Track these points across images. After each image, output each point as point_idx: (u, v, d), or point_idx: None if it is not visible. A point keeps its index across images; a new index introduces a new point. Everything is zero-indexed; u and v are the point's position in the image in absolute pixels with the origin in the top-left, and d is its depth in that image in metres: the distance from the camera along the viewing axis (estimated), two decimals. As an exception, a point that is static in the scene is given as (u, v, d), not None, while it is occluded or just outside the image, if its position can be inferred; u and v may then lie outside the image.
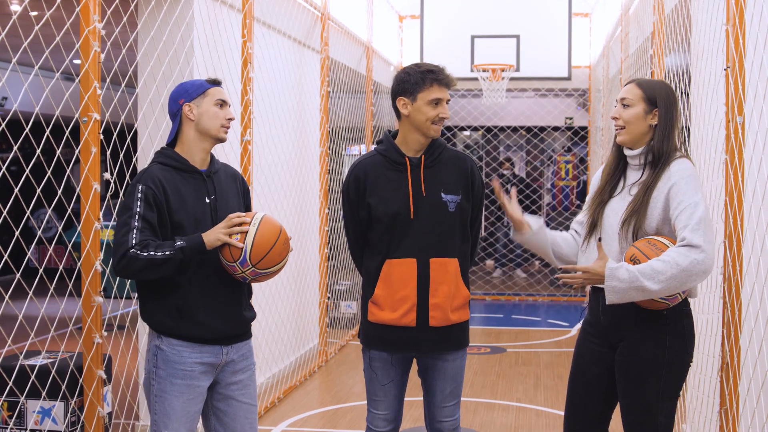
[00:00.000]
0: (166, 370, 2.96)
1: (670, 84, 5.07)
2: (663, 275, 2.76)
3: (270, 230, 2.93)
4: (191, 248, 2.85)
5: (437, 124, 3.22)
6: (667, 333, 2.95)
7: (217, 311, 2.99)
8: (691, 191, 2.86)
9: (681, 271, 2.75)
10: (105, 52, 3.50)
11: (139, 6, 4.69)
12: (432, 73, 3.20)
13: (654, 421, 2.98)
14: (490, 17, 9.75)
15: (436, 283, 3.20)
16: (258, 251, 2.89)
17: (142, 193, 2.88)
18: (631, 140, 3.03)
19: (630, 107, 3.02)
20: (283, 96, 6.36)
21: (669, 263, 2.76)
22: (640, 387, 2.97)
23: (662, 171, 2.95)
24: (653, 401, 2.96)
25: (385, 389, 3.33)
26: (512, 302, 10.86)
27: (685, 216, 2.82)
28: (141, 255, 2.81)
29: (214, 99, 3.03)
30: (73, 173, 3.30)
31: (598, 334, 3.11)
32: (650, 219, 2.93)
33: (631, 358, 2.99)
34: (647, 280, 2.77)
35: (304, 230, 6.93)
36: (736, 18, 3.21)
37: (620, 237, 2.99)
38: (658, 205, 2.92)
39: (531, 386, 6.37)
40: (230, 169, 3.22)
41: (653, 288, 2.77)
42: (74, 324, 3.99)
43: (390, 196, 3.23)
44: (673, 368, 2.97)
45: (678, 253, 2.78)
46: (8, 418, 4.20)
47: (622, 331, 3.01)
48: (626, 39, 6.97)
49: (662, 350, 2.95)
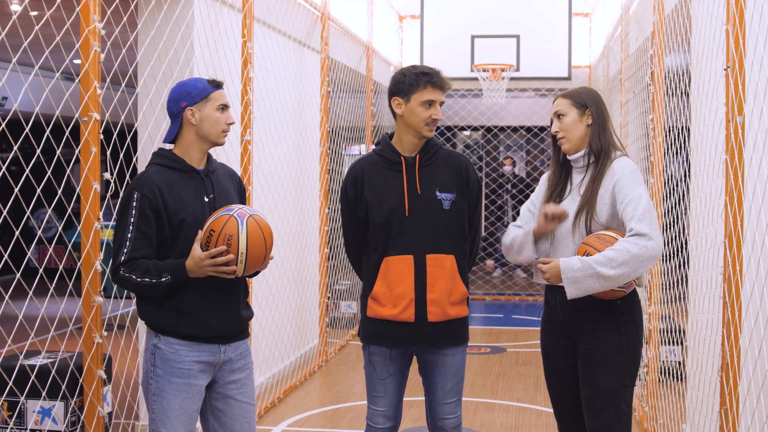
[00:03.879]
0: (164, 369, 2.96)
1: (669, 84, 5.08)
2: (616, 261, 2.94)
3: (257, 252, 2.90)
4: (178, 281, 2.90)
5: (430, 125, 3.29)
6: (622, 321, 3.13)
7: (214, 309, 2.99)
8: (634, 185, 3.07)
9: (632, 257, 2.94)
10: (105, 52, 3.50)
11: (139, 6, 4.69)
12: (426, 75, 3.27)
13: (618, 408, 3.10)
14: (490, 17, 9.75)
15: (433, 278, 3.26)
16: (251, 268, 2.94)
17: (137, 202, 2.90)
18: (574, 146, 3.23)
19: (565, 116, 3.24)
20: (283, 96, 6.36)
21: (620, 251, 2.95)
22: (603, 374, 3.10)
23: (605, 169, 3.16)
24: (615, 387, 3.11)
25: (384, 384, 3.36)
26: (512, 302, 10.86)
27: (631, 209, 3.02)
28: (130, 279, 2.88)
29: (216, 104, 3.03)
30: (73, 173, 3.30)
31: (559, 329, 3.25)
32: (600, 212, 3.12)
33: (591, 346, 3.14)
34: (601, 266, 2.95)
35: (304, 230, 6.93)
36: (736, 18, 3.21)
37: (573, 232, 3.16)
38: (605, 201, 3.12)
39: (531, 386, 6.37)
40: (227, 168, 3.23)
41: (608, 273, 2.94)
42: (74, 324, 4.00)
43: (386, 194, 3.31)
44: (631, 354, 3.13)
45: (628, 241, 2.97)
46: (8, 418, 4.20)
47: (580, 323, 3.17)
48: (626, 39, 6.96)
49: (619, 336, 3.12)
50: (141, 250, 2.88)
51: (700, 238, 4.12)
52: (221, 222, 2.86)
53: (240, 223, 2.86)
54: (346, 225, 3.45)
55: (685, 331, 4.91)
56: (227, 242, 2.83)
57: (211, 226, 2.88)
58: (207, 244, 2.86)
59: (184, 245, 2.93)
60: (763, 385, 3.33)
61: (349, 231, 3.45)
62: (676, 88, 4.94)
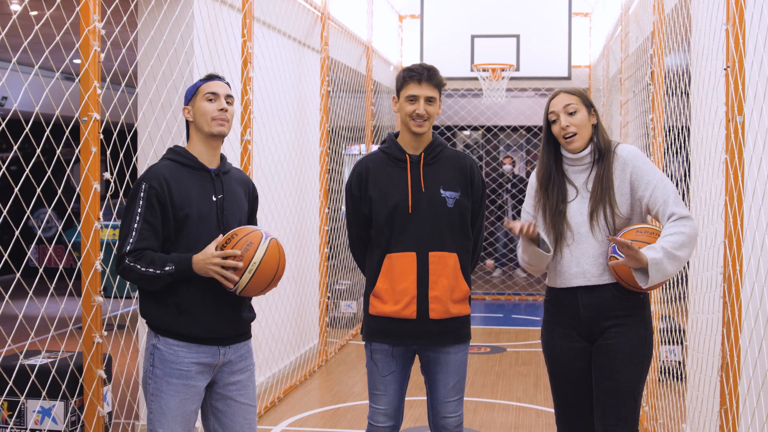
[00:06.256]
0: (162, 370, 2.96)
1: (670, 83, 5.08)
2: (678, 242, 2.94)
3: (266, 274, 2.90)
4: (180, 272, 2.89)
5: (416, 121, 3.30)
6: (646, 316, 3.14)
7: (216, 310, 2.99)
8: (651, 169, 3.08)
9: (688, 237, 2.96)
10: (105, 52, 3.50)
11: (139, 6, 4.69)
12: (410, 71, 3.33)
13: (637, 401, 3.08)
14: (490, 17, 9.75)
15: (436, 276, 3.27)
16: (251, 290, 2.92)
17: (144, 192, 2.91)
18: (583, 144, 3.17)
19: (578, 113, 3.16)
20: (283, 96, 6.36)
21: (678, 234, 2.95)
22: (628, 367, 3.07)
23: (611, 159, 3.12)
24: (636, 381, 3.08)
25: (385, 382, 3.36)
26: (512, 302, 10.86)
27: (659, 193, 3.02)
28: (135, 268, 2.87)
29: (203, 94, 3.03)
30: (73, 173, 3.30)
31: (573, 331, 3.18)
32: (621, 205, 3.09)
33: (615, 341, 3.08)
34: (674, 249, 2.92)
35: (304, 230, 6.93)
36: (736, 18, 3.21)
37: (594, 232, 3.11)
38: (624, 192, 3.09)
39: (531, 386, 6.37)
40: (243, 176, 3.23)
41: (681, 254, 2.94)
42: (74, 324, 4.00)
43: (390, 190, 3.32)
44: (650, 349, 3.14)
45: (677, 225, 2.97)
46: (8, 418, 4.20)
47: (605, 321, 3.11)
48: (626, 39, 6.97)
49: (645, 331, 3.12)
50: (147, 240, 2.89)
51: (700, 237, 4.12)
52: (247, 230, 2.92)
53: (264, 237, 2.91)
54: (351, 222, 3.46)
55: (685, 330, 4.91)
56: (245, 248, 2.86)
57: (235, 230, 2.92)
58: (224, 246, 2.89)
59: (186, 242, 2.94)
60: (763, 384, 3.33)
61: (353, 228, 3.46)
62: (676, 87, 4.94)
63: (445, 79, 3.41)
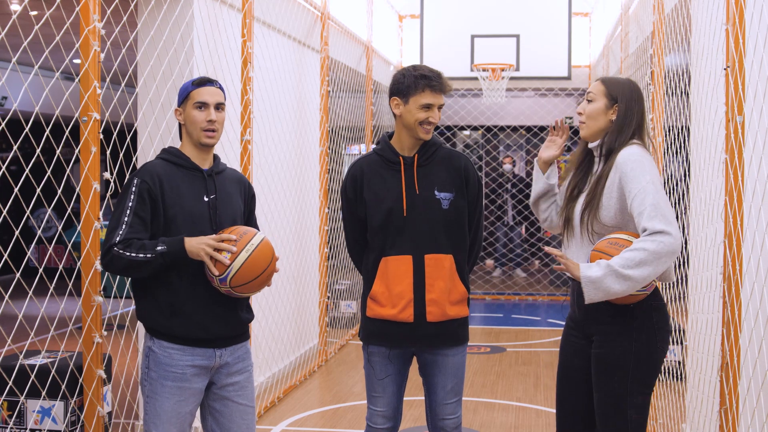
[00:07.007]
0: (157, 372, 2.96)
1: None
2: (634, 261, 2.80)
3: (259, 262, 2.90)
4: (172, 253, 2.86)
5: (426, 127, 3.27)
6: (634, 327, 2.99)
7: (211, 310, 2.97)
8: (638, 177, 2.91)
9: (650, 254, 2.80)
10: (105, 52, 3.50)
11: (139, 6, 4.69)
12: (426, 78, 3.24)
13: (623, 416, 3.01)
14: (490, 17, 9.75)
15: (432, 278, 3.26)
16: (241, 277, 2.89)
17: (136, 187, 2.91)
18: (591, 134, 3.13)
19: (593, 102, 3.11)
20: (283, 96, 6.36)
21: (637, 250, 2.82)
22: (610, 380, 3.01)
23: (611, 162, 3.03)
24: (622, 395, 3.00)
25: (383, 384, 3.36)
26: (512, 302, 10.86)
27: (637, 204, 2.87)
28: (123, 255, 2.84)
29: (193, 102, 3.01)
30: (73, 173, 3.30)
31: (576, 327, 3.17)
32: (606, 210, 3.00)
33: (602, 351, 3.04)
34: (621, 268, 2.80)
35: (304, 230, 6.93)
36: (736, 18, 3.21)
37: (581, 231, 3.09)
38: (613, 195, 3.00)
39: (531, 386, 6.37)
40: (237, 174, 3.23)
41: (628, 273, 2.80)
42: (74, 324, 4.00)
43: (384, 194, 3.30)
44: (641, 362, 2.99)
45: (643, 241, 2.83)
46: (8, 418, 4.20)
47: (596, 325, 3.07)
48: (626, 38, 6.97)
49: (630, 343, 2.98)
50: (136, 233, 2.88)
51: (700, 237, 4.12)
52: (244, 228, 2.98)
53: (258, 233, 2.98)
54: (347, 225, 3.46)
55: (684, 330, 4.91)
56: (241, 236, 2.91)
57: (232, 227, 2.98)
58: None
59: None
60: (763, 384, 3.33)
61: (349, 231, 3.45)
62: (676, 87, 4.94)
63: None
